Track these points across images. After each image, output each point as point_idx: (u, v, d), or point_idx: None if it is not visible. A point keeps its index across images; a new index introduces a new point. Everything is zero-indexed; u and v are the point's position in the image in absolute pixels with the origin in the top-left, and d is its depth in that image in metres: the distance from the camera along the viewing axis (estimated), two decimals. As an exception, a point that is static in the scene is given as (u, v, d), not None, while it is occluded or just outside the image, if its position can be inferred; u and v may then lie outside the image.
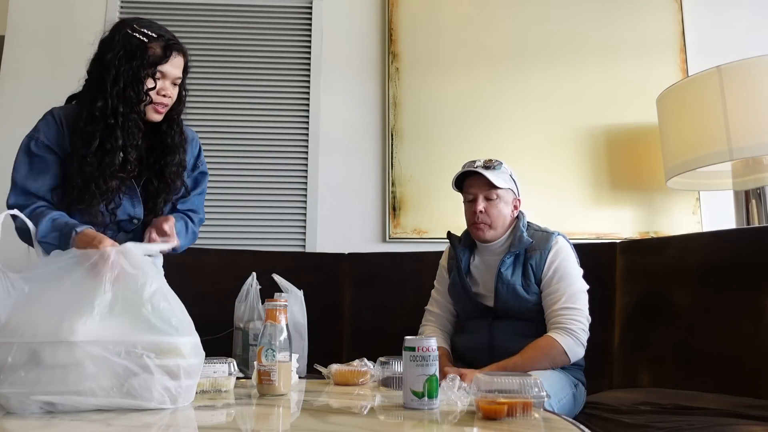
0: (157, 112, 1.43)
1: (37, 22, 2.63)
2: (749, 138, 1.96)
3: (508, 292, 1.61)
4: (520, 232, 1.64)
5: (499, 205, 1.64)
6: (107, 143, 1.37)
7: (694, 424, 1.23)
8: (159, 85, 1.41)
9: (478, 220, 1.63)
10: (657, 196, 2.54)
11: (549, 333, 1.53)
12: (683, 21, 2.67)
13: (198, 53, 2.65)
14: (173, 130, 1.50)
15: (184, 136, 1.53)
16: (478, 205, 1.62)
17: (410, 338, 1.12)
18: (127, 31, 1.41)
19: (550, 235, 1.66)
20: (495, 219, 1.64)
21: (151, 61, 1.39)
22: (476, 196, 1.64)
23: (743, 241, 1.73)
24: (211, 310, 1.92)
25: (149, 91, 1.39)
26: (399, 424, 1.00)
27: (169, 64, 1.41)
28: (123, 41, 1.40)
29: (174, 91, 1.45)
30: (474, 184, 1.65)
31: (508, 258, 1.63)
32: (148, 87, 1.39)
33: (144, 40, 1.40)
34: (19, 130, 1.48)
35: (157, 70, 1.40)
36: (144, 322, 1.02)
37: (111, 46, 1.41)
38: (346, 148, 2.61)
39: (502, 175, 1.64)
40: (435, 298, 1.81)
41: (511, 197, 1.68)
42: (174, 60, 1.42)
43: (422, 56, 2.65)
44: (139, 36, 1.40)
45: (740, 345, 1.60)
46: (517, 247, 1.63)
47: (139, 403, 0.98)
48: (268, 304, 1.26)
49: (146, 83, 1.39)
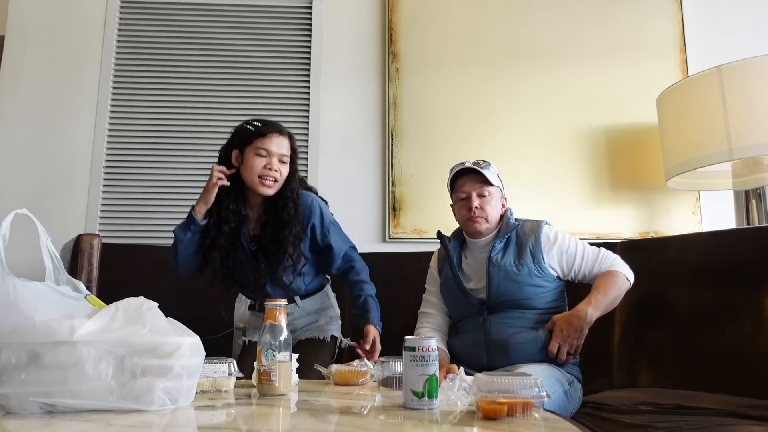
0: (265, 185, 1.64)
1: (37, 22, 2.63)
2: (749, 138, 1.96)
3: (500, 273, 1.64)
4: (507, 219, 1.73)
5: (492, 201, 1.72)
6: (215, 216, 1.66)
7: (694, 424, 1.23)
8: (264, 161, 1.63)
9: (475, 214, 1.69)
10: (657, 196, 2.54)
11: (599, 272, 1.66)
12: (683, 21, 2.67)
13: (198, 53, 2.65)
14: (287, 205, 1.68)
15: (299, 210, 1.70)
16: (473, 201, 1.69)
17: (410, 338, 1.12)
18: (242, 125, 1.70)
19: (539, 222, 1.74)
20: (489, 214, 1.71)
21: (254, 140, 1.64)
22: (470, 194, 1.71)
23: (743, 241, 1.73)
24: (211, 310, 1.92)
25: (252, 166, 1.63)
26: (399, 424, 1.00)
27: (270, 141, 1.65)
28: (237, 132, 1.70)
29: (282, 167, 1.66)
30: (467, 182, 1.72)
31: (498, 243, 1.69)
32: (252, 163, 1.63)
33: (250, 128, 1.67)
34: (20, 130, 1.48)
35: (261, 147, 1.63)
36: (144, 324, 1.02)
37: (229, 139, 1.72)
38: (346, 148, 2.61)
39: (492, 174, 1.72)
40: (427, 300, 1.83)
41: (499, 195, 1.76)
42: (275, 139, 1.66)
43: (422, 56, 2.65)
44: (248, 125, 1.69)
45: (740, 345, 1.60)
46: (504, 232, 1.70)
47: (139, 407, 0.98)
48: (267, 304, 1.26)
49: (252, 160, 1.64)
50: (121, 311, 1.03)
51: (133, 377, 0.98)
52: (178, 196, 2.53)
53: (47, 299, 1.03)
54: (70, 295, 1.10)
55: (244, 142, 1.66)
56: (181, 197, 2.53)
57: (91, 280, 2.02)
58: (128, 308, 1.04)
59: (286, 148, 1.68)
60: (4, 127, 2.50)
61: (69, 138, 2.53)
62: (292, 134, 1.73)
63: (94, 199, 2.50)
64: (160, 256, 2.23)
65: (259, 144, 1.64)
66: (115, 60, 2.62)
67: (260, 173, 1.63)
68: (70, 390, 0.94)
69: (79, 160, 2.52)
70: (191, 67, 2.64)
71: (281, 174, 1.66)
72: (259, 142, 1.64)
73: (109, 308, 1.03)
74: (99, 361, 0.96)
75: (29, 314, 0.97)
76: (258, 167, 1.63)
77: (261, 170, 1.63)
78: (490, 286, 1.64)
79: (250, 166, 1.64)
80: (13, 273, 1.02)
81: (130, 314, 1.03)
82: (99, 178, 2.52)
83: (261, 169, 1.63)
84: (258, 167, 1.63)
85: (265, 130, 1.66)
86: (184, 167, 2.56)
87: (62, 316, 0.98)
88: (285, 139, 1.68)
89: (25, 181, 2.48)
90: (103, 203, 2.51)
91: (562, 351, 1.54)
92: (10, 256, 1.04)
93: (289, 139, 1.70)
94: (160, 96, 2.61)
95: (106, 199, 2.52)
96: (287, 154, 1.68)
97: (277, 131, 1.67)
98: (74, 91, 2.57)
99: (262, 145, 1.64)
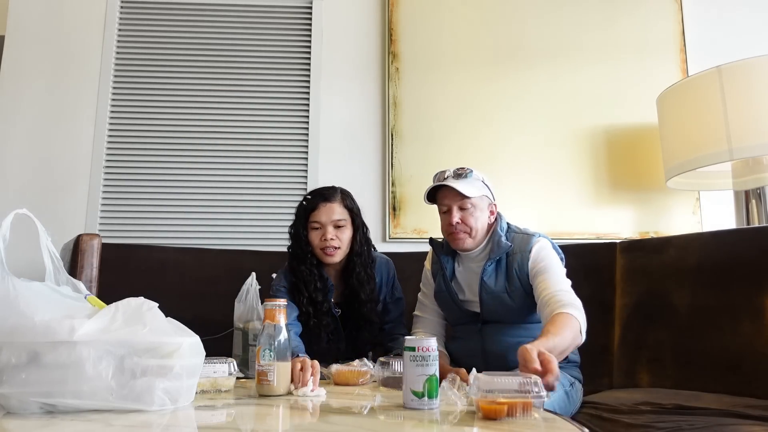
0: (327, 254, 1.67)
1: (37, 22, 2.63)
2: (749, 138, 1.96)
3: (494, 300, 1.59)
4: (498, 237, 1.61)
5: (475, 213, 1.60)
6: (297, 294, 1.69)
7: (694, 424, 1.23)
8: (320, 234, 1.68)
9: (456, 230, 1.60)
10: (657, 196, 2.54)
11: (558, 311, 1.37)
12: (683, 21, 2.67)
13: (198, 53, 2.65)
14: (355, 270, 1.72)
15: (368, 271, 1.75)
16: (453, 216, 1.59)
17: (410, 338, 1.12)
18: (300, 202, 1.76)
19: (531, 237, 1.61)
20: (473, 227, 1.60)
21: (308, 215, 1.70)
22: (450, 207, 1.61)
23: (743, 241, 1.73)
24: (211, 310, 1.92)
25: (311, 241, 1.69)
26: (399, 424, 1.00)
27: (319, 213, 1.69)
28: (296, 211, 1.76)
29: (339, 233, 1.69)
30: (447, 195, 1.62)
31: (489, 266, 1.60)
32: (310, 238, 1.69)
33: (303, 204, 1.73)
34: (19, 130, 1.48)
35: (313, 221, 1.68)
36: (144, 324, 1.02)
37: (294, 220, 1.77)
38: (346, 148, 2.61)
39: (474, 183, 1.62)
40: (422, 302, 1.78)
41: (485, 203, 1.64)
42: (323, 208, 1.69)
43: (422, 56, 2.65)
44: (302, 202, 1.74)
45: (740, 345, 1.60)
46: (496, 253, 1.60)
47: (139, 407, 0.98)
48: (266, 304, 1.26)
49: (309, 236, 1.69)
50: (121, 311, 1.03)
51: (133, 377, 0.98)
52: (178, 196, 2.53)
53: (47, 299, 1.03)
54: (70, 295, 1.10)
55: (301, 220, 1.72)
56: (181, 197, 2.53)
57: (91, 280, 2.01)
58: (128, 308, 1.04)
59: (338, 213, 1.70)
60: (4, 127, 2.50)
61: (69, 138, 2.53)
62: (345, 194, 1.75)
63: (94, 199, 2.50)
64: (160, 256, 2.24)
65: (311, 218, 1.69)
66: (115, 60, 2.62)
67: (319, 246, 1.68)
68: (70, 390, 0.94)
69: (79, 160, 2.52)
70: (191, 67, 2.64)
71: (340, 240, 1.69)
72: (312, 217, 1.69)
73: (109, 308, 1.03)
74: (99, 361, 0.96)
75: (29, 314, 0.97)
76: (316, 241, 1.68)
77: (319, 243, 1.68)
78: (483, 308, 1.61)
79: (312, 242, 1.70)
80: (13, 273, 1.02)
81: (130, 314, 1.03)
82: (99, 178, 2.52)
83: (319, 242, 1.68)
84: (316, 241, 1.68)
85: (314, 203, 1.70)
86: (185, 167, 2.56)
87: (62, 316, 0.99)
88: (334, 204, 1.70)
89: (25, 181, 2.48)
90: (103, 203, 2.51)
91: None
92: (10, 256, 1.04)
93: (341, 202, 1.72)
94: (160, 96, 2.61)
95: (106, 199, 2.52)
96: (342, 218, 1.70)
97: (323, 200, 1.70)
98: (74, 91, 2.57)
99: (314, 219, 1.69)
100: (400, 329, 1.82)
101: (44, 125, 2.52)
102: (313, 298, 1.68)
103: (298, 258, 1.71)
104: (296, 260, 1.71)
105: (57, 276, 1.13)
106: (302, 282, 1.69)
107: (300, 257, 1.70)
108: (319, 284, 1.70)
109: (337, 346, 1.73)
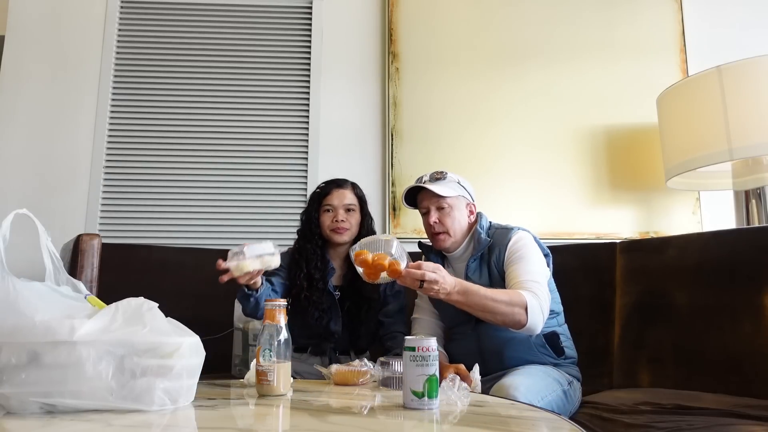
0: (337, 233, 1.79)
1: (37, 22, 2.63)
2: (749, 138, 1.96)
3: None
4: (478, 234, 1.66)
5: (453, 213, 1.67)
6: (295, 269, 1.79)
7: (694, 424, 1.23)
8: (332, 216, 1.80)
9: (435, 230, 1.67)
10: (657, 196, 2.54)
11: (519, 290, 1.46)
12: (683, 21, 2.67)
13: (198, 53, 2.65)
14: None
15: None
16: (432, 216, 1.67)
17: (410, 338, 1.12)
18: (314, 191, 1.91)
19: (510, 230, 1.66)
20: (450, 227, 1.66)
21: (321, 200, 1.83)
22: (428, 209, 1.68)
23: (743, 241, 1.73)
24: (211, 310, 1.93)
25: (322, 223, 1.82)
26: (399, 424, 1.00)
27: (332, 196, 1.83)
28: (309, 198, 1.91)
29: (349, 216, 1.82)
30: (425, 197, 1.69)
31: (472, 262, 1.65)
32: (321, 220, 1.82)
33: (317, 191, 1.88)
34: (19, 130, 1.48)
35: (326, 204, 1.82)
36: (144, 324, 1.02)
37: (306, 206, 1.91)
38: (346, 148, 2.61)
39: (449, 184, 1.68)
40: (419, 305, 1.80)
41: (463, 203, 1.70)
42: (336, 193, 1.84)
43: (422, 56, 2.65)
44: (316, 189, 1.89)
45: (740, 345, 1.60)
46: (477, 250, 1.65)
47: (139, 407, 0.98)
48: (266, 304, 1.26)
49: (321, 218, 1.82)
50: (121, 311, 1.03)
51: (133, 377, 0.98)
52: (178, 196, 2.53)
53: (47, 299, 1.03)
54: (70, 295, 1.10)
55: (314, 204, 1.85)
56: (181, 197, 2.53)
57: (91, 280, 2.01)
58: (128, 308, 1.04)
59: (349, 198, 1.84)
60: (4, 127, 2.50)
61: (69, 138, 2.53)
62: (356, 184, 1.90)
63: (94, 199, 2.50)
64: (160, 256, 2.24)
65: (324, 202, 1.83)
66: (115, 60, 2.62)
67: (330, 227, 1.80)
68: (70, 390, 0.94)
69: (79, 160, 2.52)
70: (191, 67, 2.64)
71: (350, 222, 1.81)
72: (325, 201, 1.83)
73: (109, 308, 1.03)
74: (99, 361, 0.96)
75: (29, 314, 0.97)
76: (327, 222, 1.81)
77: (330, 224, 1.80)
78: None
79: (323, 223, 1.82)
80: (13, 273, 1.02)
81: (130, 314, 1.03)
82: (99, 178, 2.52)
83: (330, 222, 1.80)
84: (327, 222, 1.81)
85: (327, 188, 1.85)
86: (185, 167, 2.56)
87: (62, 316, 0.98)
88: (346, 190, 1.85)
89: (25, 181, 2.48)
90: (103, 203, 2.51)
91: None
92: (10, 256, 1.03)
93: (352, 189, 1.87)
94: (160, 96, 2.61)
95: (106, 199, 2.52)
96: (353, 203, 1.84)
97: (336, 185, 1.86)
98: (74, 91, 2.57)
99: (327, 202, 1.83)
100: (399, 327, 1.82)
101: (44, 125, 2.52)
102: (311, 274, 1.77)
103: (305, 237, 1.83)
104: (304, 239, 1.84)
105: (57, 276, 1.13)
106: (304, 259, 1.79)
107: (308, 237, 1.83)
108: (320, 264, 1.79)
109: (332, 327, 1.76)
